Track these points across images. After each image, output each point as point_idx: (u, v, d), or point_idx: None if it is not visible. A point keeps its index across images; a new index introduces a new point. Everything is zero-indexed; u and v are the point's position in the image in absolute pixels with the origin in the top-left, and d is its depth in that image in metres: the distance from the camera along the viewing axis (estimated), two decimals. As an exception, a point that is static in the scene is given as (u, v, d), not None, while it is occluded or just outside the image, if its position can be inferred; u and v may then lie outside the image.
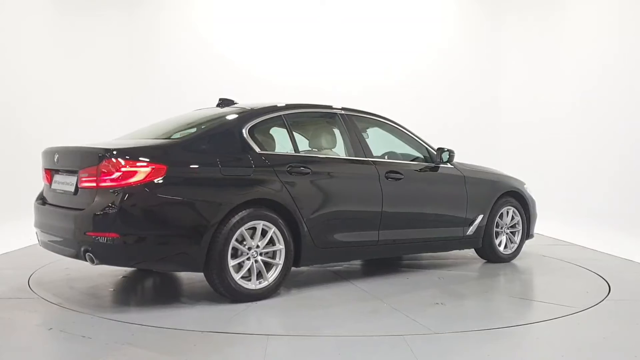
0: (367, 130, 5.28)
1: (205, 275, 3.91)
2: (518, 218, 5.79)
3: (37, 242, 4.41)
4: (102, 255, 3.67)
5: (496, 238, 5.62)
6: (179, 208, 3.75)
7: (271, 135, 4.62)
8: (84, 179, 3.79)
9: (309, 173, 4.33)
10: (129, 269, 4.93)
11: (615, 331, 3.62)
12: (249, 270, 3.98)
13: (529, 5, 9.76)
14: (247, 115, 4.33)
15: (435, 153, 5.24)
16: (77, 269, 5.09)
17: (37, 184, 4.65)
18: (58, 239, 4.01)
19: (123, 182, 3.62)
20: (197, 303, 4.06)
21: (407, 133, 5.26)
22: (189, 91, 9.02)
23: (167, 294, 4.28)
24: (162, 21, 9.60)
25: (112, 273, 4.87)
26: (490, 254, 5.65)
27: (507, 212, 5.71)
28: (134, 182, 3.62)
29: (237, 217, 3.87)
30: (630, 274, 5.39)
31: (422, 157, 5.25)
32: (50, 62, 8.65)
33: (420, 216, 5.05)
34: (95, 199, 3.69)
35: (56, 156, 4.15)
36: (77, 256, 3.80)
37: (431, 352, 3.10)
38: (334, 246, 4.50)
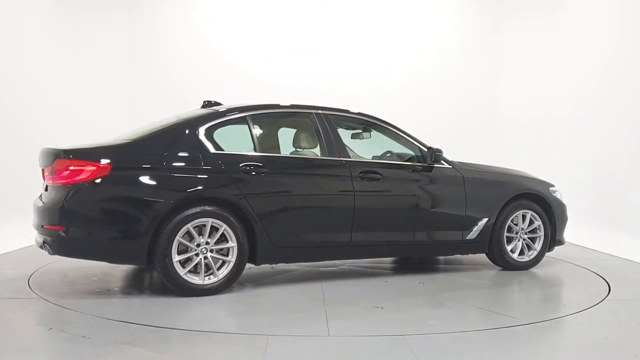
0: (368, 131, 5.23)
1: (155, 268, 4.09)
2: (538, 223, 5.32)
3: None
4: (55, 247, 4.04)
5: (509, 244, 5.23)
6: (121, 205, 4.02)
7: (232, 135, 4.66)
8: (47, 176, 4.15)
9: (265, 172, 4.34)
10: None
11: (615, 331, 3.62)
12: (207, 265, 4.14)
13: (529, 6, 9.76)
14: (207, 116, 4.47)
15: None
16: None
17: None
18: (36, 232, 4.32)
19: (70, 180, 3.94)
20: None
21: (397, 132, 5.08)
22: (189, 91, 9.00)
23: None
24: (162, 21, 9.59)
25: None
26: (500, 261, 5.25)
27: (524, 216, 5.28)
28: (79, 179, 3.93)
29: (182, 215, 4.02)
30: (630, 274, 5.39)
31: (416, 156, 5.07)
32: (50, 62, 8.65)
33: (403, 218, 4.86)
34: (51, 195, 4.07)
35: (39, 156, 4.41)
36: (41, 247, 4.19)
37: (431, 352, 3.10)
38: (296, 246, 4.50)
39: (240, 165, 4.29)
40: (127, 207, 4.01)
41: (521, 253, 5.29)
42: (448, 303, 4.18)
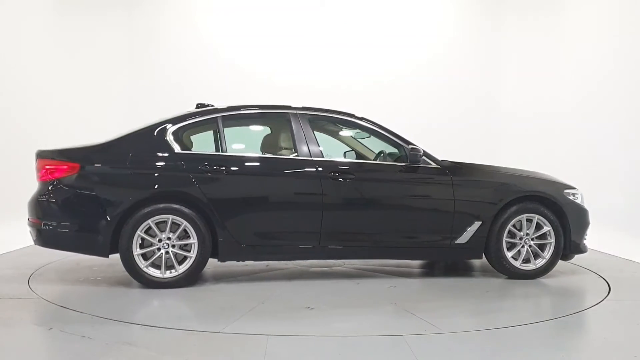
0: (351, 131, 5.17)
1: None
2: (548, 228, 4.88)
3: None
4: (35, 238, 4.49)
5: (512, 250, 4.87)
6: (87, 201, 4.38)
7: (203, 136, 4.85)
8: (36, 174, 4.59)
9: (227, 172, 4.47)
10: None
11: (615, 331, 3.62)
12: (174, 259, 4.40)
13: (529, 3, 9.76)
14: (179, 118, 4.69)
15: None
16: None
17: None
18: None
19: (46, 178, 4.41)
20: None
21: (380, 132, 4.91)
22: (189, 91, 8.99)
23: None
24: (162, 21, 9.58)
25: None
26: (500, 268, 4.90)
27: (530, 221, 4.87)
28: (53, 177, 4.39)
29: (142, 211, 4.30)
30: (630, 274, 5.39)
31: (401, 156, 4.87)
32: (50, 62, 8.65)
33: (377, 220, 4.71)
34: (35, 192, 4.51)
35: None
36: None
37: (431, 352, 3.10)
38: (261, 244, 4.56)
39: (202, 164, 4.46)
40: (92, 203, 4.36)
41: (527, 260, 4.90)
42: (390, 307, 4.02)
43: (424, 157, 4.81)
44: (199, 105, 5.05)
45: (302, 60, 9.49)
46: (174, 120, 4.65)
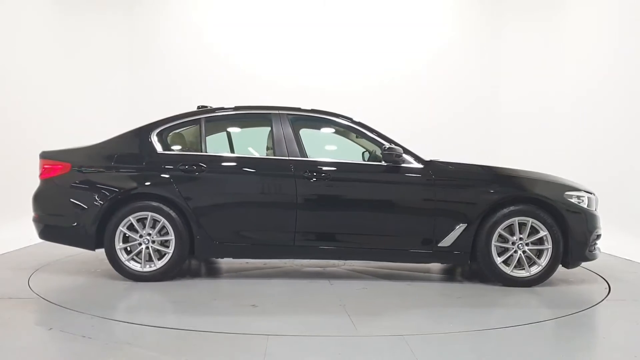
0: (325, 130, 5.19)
1: None
2: (544, 233, 4.57)
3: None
4: (37, 232, 4.83)
5: (503, 255, 4.62)
6: (74, 197, 4.67)
7: (186, 136, 5.04)
8: None
9: (202, 171, 4.64)
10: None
11: (615, 331, 3.62)
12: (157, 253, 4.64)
13: (529, 3, 9.75)
14: (164, 119, 4.91)
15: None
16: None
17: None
18: None
19: (45, 176, 4.78)
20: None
21: (362, 131, 4.88)
22: (190, 91, 9.01)
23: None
24: (162, 21, 9.58)
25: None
26: (491, 275, 4.65)
27: (525, 225, 4.58)
28: (49, 176, 4.75)
29: (124, 208, 4.58)
30: (630, 274, 5.39)
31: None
32: (50, 62, 8.64)
33: (354, 220, 4.67)
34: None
35: None
36: None
37: (431, 352, 3.10)
38: (236, 242, 4.68)
39: (180, 164, 4.65)
40: (79, 200, 4.65)
41: (520, 267, 4.64)
42: (333, 308, 3.95)
43: (404, 156, 4.68)
44: (199, 107, 5.12)
45: (302, 62, 9.48)
46: (158, 123, 4.87)
